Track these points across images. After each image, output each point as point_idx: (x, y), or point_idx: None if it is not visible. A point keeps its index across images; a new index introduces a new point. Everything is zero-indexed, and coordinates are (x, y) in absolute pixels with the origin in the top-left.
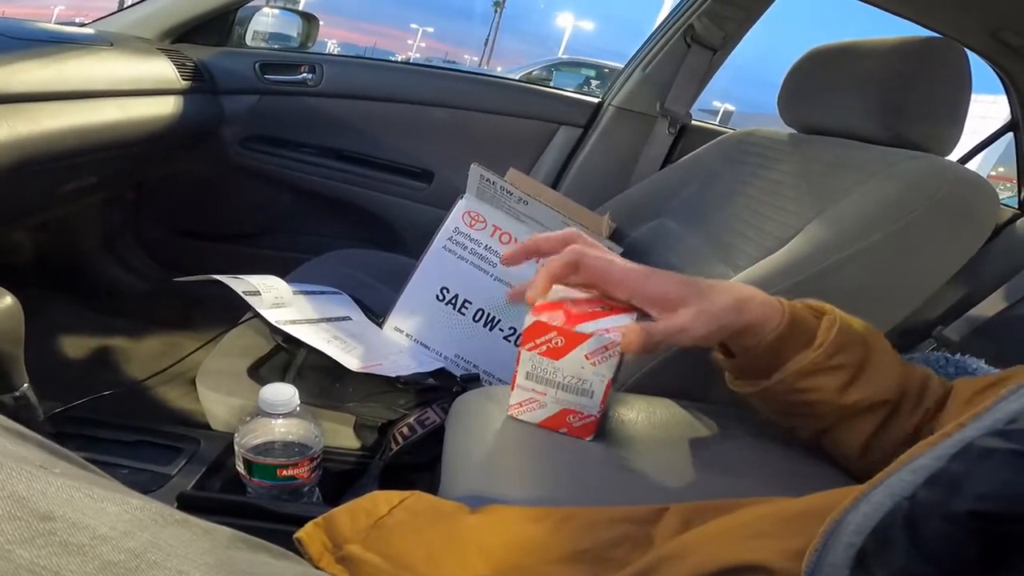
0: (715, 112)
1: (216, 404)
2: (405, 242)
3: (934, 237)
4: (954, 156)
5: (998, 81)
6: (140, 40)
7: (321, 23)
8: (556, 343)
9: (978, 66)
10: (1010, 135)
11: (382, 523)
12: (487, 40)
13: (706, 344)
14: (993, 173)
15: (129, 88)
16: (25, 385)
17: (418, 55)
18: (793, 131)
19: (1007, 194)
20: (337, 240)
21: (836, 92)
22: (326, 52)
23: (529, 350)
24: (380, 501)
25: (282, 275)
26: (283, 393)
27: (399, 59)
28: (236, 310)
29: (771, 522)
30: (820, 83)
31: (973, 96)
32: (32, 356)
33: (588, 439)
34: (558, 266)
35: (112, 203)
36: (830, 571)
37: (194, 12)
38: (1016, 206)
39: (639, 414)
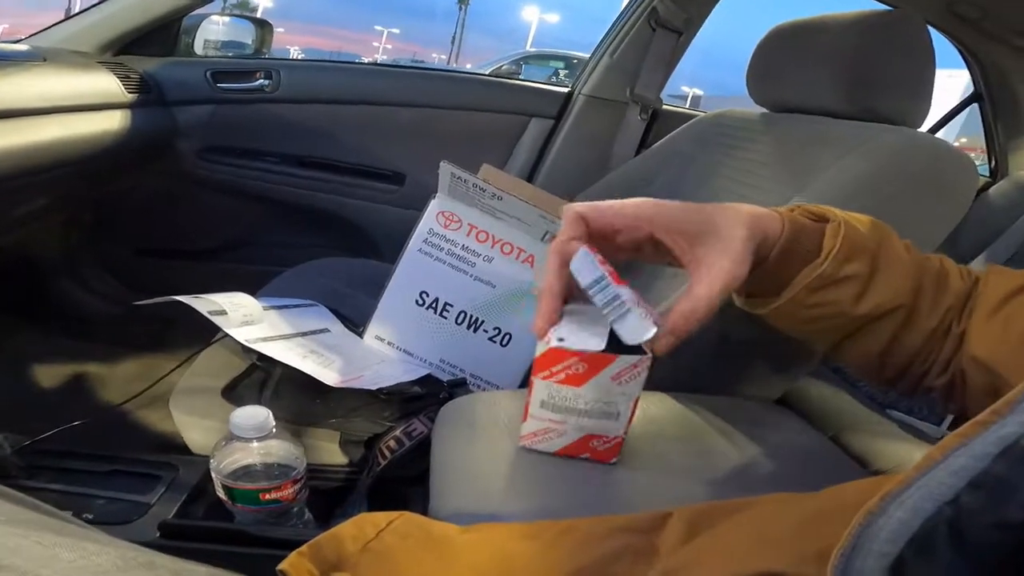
0: (684, 97)
1: (192, 428)
2: (381, 247)
3: (913, 211)
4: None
5: (949, 55)
6: (77, 54)
7: (282, 29)
8: (577, 369)
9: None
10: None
11: (370, 548)
12: (454, 38)
13: None
14: (956, 144)
15: (68, 104)
16: None
17: (385, 57)
18: (765, 110)
19: (975, 163)
20: (311, 250)
21: (802, 69)
22: (288, 58)
23: (544, 379)
24: (366, 525)
25: (256, 289)
26: (255, 416)
27: (366, 62)
28: (211, 329)
29: (785, 524)
30: (786, 61)
31: None
32: (1, 387)
33: (612, 461)
34: (566, 231)
35: (71, 225)
36: None
37: (134, 23)
38: (987, 175)
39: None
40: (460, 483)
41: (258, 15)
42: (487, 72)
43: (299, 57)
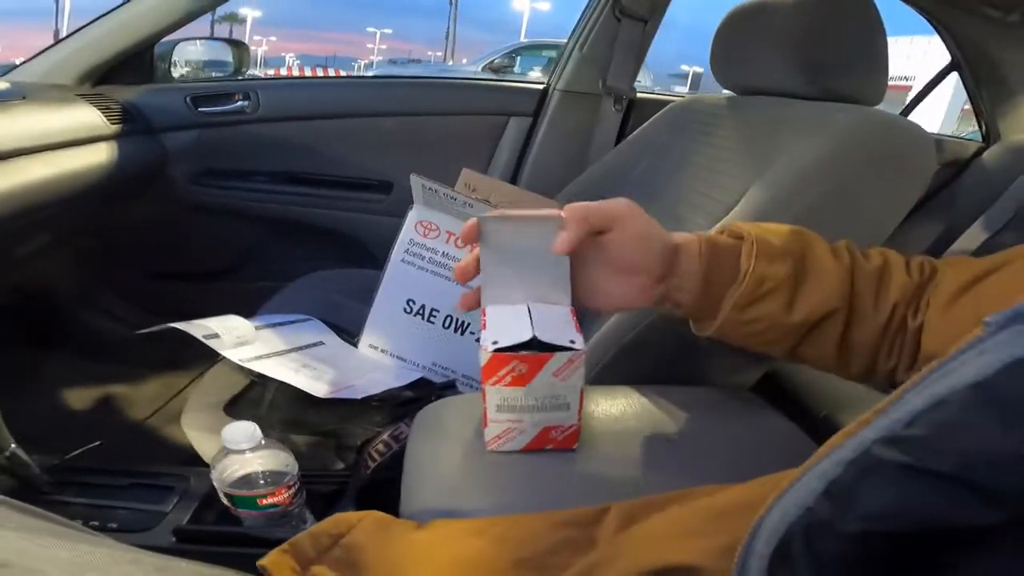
0: (685, 75)
1: (203, 441)
2: (376, 256)
3: (871, 188)
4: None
5: (902, 23)
6: (56, 88)
7: (274, 37)
8: (520, 370)
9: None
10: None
11: (342, 544)
12: (447, 33)
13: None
14: (966, 107)
15: (53, 141)
16: (12, 446)
17: (380, 57)
18: (733, 94)
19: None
20: (309, 263)
21: (758, 51)
22: (285, 66)
23: (493, 385)
24: (340, 523)
25: (262, 305)
26: (244, 431)
27: (362, 64)
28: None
29: (702, 518)
30: (744, 43)
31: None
32: (33, 411)
33: (574, 448)
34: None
35: (80, 257)
36: None
37: (110, 51)
38: (980, 139)
39: (597, 407)
40: (425, 482)
41: (248, 25)
42: (480, 66)
43: (295, 64)
